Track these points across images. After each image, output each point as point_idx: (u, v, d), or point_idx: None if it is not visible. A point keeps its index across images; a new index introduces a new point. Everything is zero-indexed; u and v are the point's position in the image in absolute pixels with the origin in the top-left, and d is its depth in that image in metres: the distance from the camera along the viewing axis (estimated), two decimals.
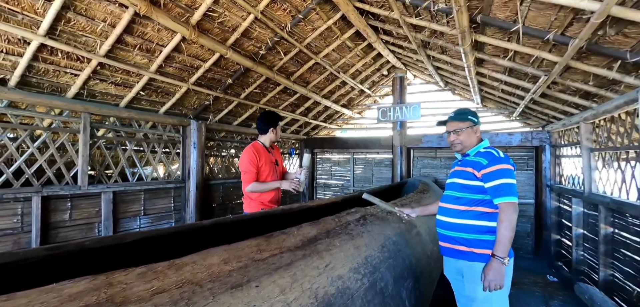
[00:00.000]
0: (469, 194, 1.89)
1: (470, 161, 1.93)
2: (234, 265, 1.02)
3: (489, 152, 1.88)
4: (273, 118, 3.16)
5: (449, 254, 1.97)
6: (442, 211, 2.02)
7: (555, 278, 4.19)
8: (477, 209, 1.86)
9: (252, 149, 3.01)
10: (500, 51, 3.27)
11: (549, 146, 4.76)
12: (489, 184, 1.81)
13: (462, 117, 2.04)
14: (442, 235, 2.00)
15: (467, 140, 2.01)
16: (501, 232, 1.72)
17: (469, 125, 2.00)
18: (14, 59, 2.97)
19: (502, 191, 1.76)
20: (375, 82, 6.73)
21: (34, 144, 3.42)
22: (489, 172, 1.81)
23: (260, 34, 3.84)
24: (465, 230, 1.87)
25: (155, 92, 4.11)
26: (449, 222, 1.94)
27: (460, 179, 1.95)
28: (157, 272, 0.87)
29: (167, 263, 0.92)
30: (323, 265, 1.26)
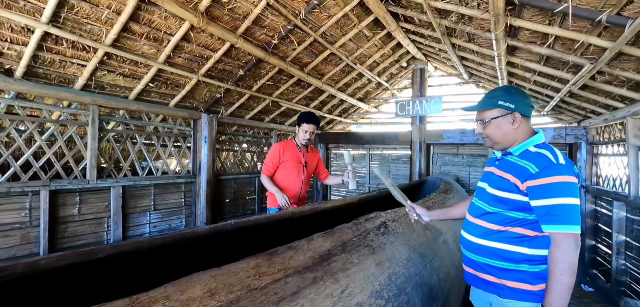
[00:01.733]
0: (504, 210, 1.40)
1: (511, 164, 1.40)
2: (222, 298, 0.77)
3: (541, 155, 1.32)
4: (301, 117, 3.13)
5: (475, 284, 1.53)
6: (467, 226, 1.56)
7: (591, 288, 3.83)
8: (515, 229, 1.38)
9: (281, 143, 3.13)
10: (538, 37, 2.93)
11: (585, 143, 4.35)
12: (537, 203, 1.27)
13: (488, 103, 1.47)
14: (465, 257, 1.57)
15: (497, 133, 1.44)
16: (556, 278, 1.22)
17: (501, 114, 1.42)
18: (19, 49, 2.87)
19: (555, 215, 1.22)
20: (393, 74, 6.42)
21: (42, 136, 3.34)
22: (539, 186, 1.27)
23: (273, 21, 3.62)
24: (494, 256, 1.41)
25: (164, 84, 3.97)
26: (473, 242, 1.49)
27: (493, 189, 1.44)
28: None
29: (126, 301, 0.68)
30: (338, 291, 1.01)
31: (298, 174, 3.09)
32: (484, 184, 1.55)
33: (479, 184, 1.61)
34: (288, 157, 3.06)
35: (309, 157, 3.20)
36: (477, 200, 1.57)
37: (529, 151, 1.38)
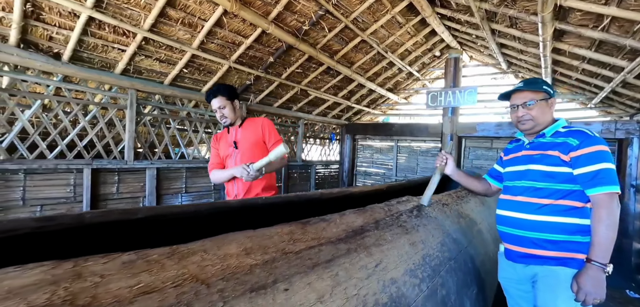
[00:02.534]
0: (554, 184, 1.49)
1: (550, 143, 1.52)
2: (257, 257, 0.78)
3: (578, 130, 1.47)
4: (205, 96, 2.48)
5: (520, 260, 1.59)
6: (511, 205, 1.62)
7: (637, 294, 3.54)
8: (564, 202, 1.47)
9: (217, 134, 2.64)
10: (591, 19, 2.69)
11: (638, 139, 3.99)
12: (581, 170, 1.42)
13: (535, 86, 1.59)
14: (512, 235, 1.61)
15: (541, 116, 1.57)
16: (601, 232, 1.36)
17: (544, 97, 1.56)
18: (66, 33, 3.03)
19: (601, 178, 1.38)
20: (425, 63, 6.20)
21: (86, 118, 3.53)
22: (582, 155, 1.41)
23: (304, 6, 3.59)
24: (548, 229, 1.48)
25: (197, 70, 4.07)
26: (524, 219, 1.54)
27: (540, 165, 1.53)
28: (150, 261, 0.64)
29: (167, 250, 0.69)
30: (373, 264, 0.99)
31: (231, 159, 2.52)
32: (522, 165, 1.63)
33: (512, 168, 1.70)
34: (222, 145, 2.56)
35: (245, 135, 2.48)
36: (518, 181, 1.63)
37: (560, 132, 1.54)
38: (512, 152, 1.77)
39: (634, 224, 3.95)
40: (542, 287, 1.50)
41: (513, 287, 1.68)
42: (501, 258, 1.74)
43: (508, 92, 1.70)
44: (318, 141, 6.92)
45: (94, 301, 0.50)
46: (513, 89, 1.67)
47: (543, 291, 1.50)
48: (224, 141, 2.54)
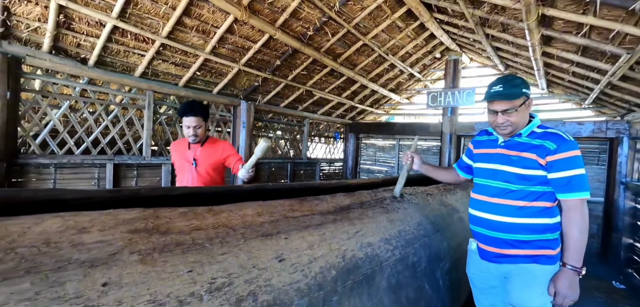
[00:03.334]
0: (528, 186, 1.52)
1: (527, 144, 1.54)
2: (266, 218, 1.07)
3: (555, 133, 1.50)
4: (179, 110, 2.45)
5: (494, 260, 1.62)
6: (486, 206, 1.62)
7: (623, 285, 3.72)
8: (537, 204, 1.52)
9: (176, 142, 2.67)
10: (573, 26, 2.91)
11: (627, 138, 4.17)
12: (556, 175, 1.45)
13: (515, 92, 1.51)
14: (486, 236, 1.62)
15: (521, 120, 1.56)
16: (575, 237, 1.41)
17: (523, 101, 1.53)
18: (92, 41, 3.35)
19: (575, 184, 1.42)
20: (426, 65, 6.42)
21: (108, 117, 3.86)
22: (559, 160, 1.44)
23: (309, 14, 3.85)
24: (523, 231, 1.53)
25: (209, 72, 4.37)
26: (499, 222, 1.57)
27: (517, 168, 1.54)
28: (197, 214, 0.95)
29: (206, 208, 1.00)
30: (353, 231, 1.27)
31: (185, 174, 2.51)
32: (495, 164, 1.63)
33: (485, 165, 1.69)
34: (177, 157, 2.56)
35: (205, 154, 2.50)
36: (491, 181, 1.64)
37: (536, 132, 1.56)
38: (484, 146, 1.76)
39: (623, 219, 4.14)
40: (518, 284, 1.55)
41: (481, 281, 1.73)
42: (472, 254, 1.76)
43: (488, 95, 1.60)
44: (323, 140, 7.19)
45: (168, 230, 0.79)
46: (493, 93, 1.57)
47: (519, 287, 1.54)
48: (182, 154, 2.51)
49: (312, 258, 0.98)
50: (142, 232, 0.74)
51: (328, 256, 1.04)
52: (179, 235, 0.78)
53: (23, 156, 3.26)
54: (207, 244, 0.80)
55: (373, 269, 1.19)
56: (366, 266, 1.16)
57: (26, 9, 2.91)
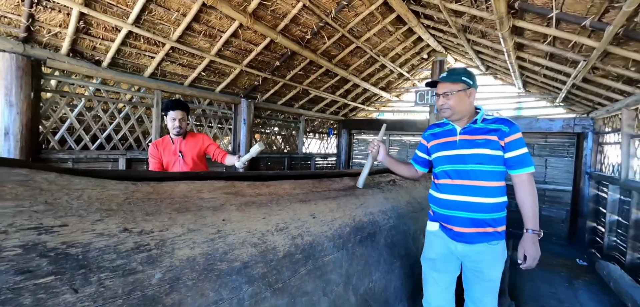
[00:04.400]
0: (495, 166, 1.65)
1: (484, 129, 1.68)
2: (299, 191, 1.47)
3: (504, 119, 1.69)
4: (166, 104, 2.79)
5: (470, 241, 1.68)
6: (462, 189, 1.69)
7: (585, 262, 4.21)
8: (501, 183, 1.68)
9: (156, 142, 2.87)
10: (540, 36, 3.34)
11: (591, 133, 4.67)
12: (511, 154, 1.62)
13: (454, 78, 1.71)
14: (461, 218, 1.68)
15: (458, 105, 1.70)
16: (530, 205, 1.60)
17: (462, 88, 1.69)
18: (107, 44, 3.61)
19: (525, 161, 1.61)
20: (414, 65, 6.84)
21: (120, 115, 4.12)
22: (513, 141, 1.61)
23: (307, 20, 4.19)
24: (496, 209, 1.65)
25: (213, 73, 4.66)
26: (480, 203, 1.64)
27: (486, 149, 1.64)
28: (256, 185, 1.39)
29: (260, 182, 1.36)
30: (359, 203, 1.68)
31: (174, 166, 2.79)
32: (461, 150, 1.72)
33: (451, 152, 1.76)
34: (164, 153, 2.79)
35: (187, 146, 2.82)
36: (460, 165, 1.71)
37: (487, 118, 1.74)
38: (441, 136, 1.84)
39: (587, 205, 4.65)
40: (488, 261, 1.66)
41: (441, 262, 1.78)
42: (433, 237, 1.81)
43: (434, 81, 1.84)
44: (317, 135, 7.55)
45: (243, 194, 1.16)
46: (439, 78, 1.79)
47: (488, 264, 1.66)
48: (168, 150, 2.78)
49: (333, 218, 1.37)
50: (230, 194, 1.10)
51: (343, 218, 1.42)
52: (250, 197, 1.15)
53: (45, 151, 3.52)
54: (268, 203, 1.17)
55: (374, 230, 1.60)
56: (369, 228, 1.56)
57: (49, 16, 3.17)
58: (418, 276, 1.74)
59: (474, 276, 1.72)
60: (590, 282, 3.57)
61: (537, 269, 1.82)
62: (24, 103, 3.25)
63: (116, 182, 0.94)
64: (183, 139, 2.83)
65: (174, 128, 2.75)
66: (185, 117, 2.80)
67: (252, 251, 0.99)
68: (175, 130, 2.76)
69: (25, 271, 0.60)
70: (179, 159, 2.79)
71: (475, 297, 1.74)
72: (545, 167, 5.34)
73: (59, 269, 0.64)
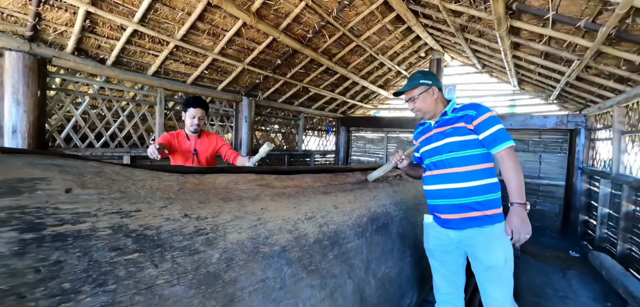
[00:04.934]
0: (472, 150, 1.71)
1: (454, 118, 1.78)
2: (319, 184, 1.59)
3: (471, 104, 1.77)
4: (186, 101, 2.83)
5: (457, 226, 1.74)
6: (440, 178, 1.77)
7: (578, 254, 4.37)
8: (481, 166, 1.71)
9: (171, 133, 2.86)
10: (536, 36, 3.46)
11: (584, 129, 4.83)
12: (484, 134, 1.67)
13: (413, 83, 1.83)
14: (447, 206, 1.75)
15: (424, 105, 1.82)
16: (514, 178, 1.62)
17: (423, 90, 1.81)
18: (112, 43, 3.65)
19: (500, 137, 1.64)
20: (412, 63, 6.95)
21: (124, 113, 4.16)
22: (482, 121, 1.67)
23: (309, 19, 4.27)
24: (479, 192, 1.69)
25: (216, 71, 4.71)
26: (456, 189, 1.71)
27: (454, 137, 1.73)
28: (282, 179, 1.49)
29: (286, 176, 1.47)
30: (372, 196, 1.80)
31: (186, 163, 2.82)
32: (436, 141, 1.81)
33: (429, 146, 1.85)
34: (177, 148, 2.80)
35: (202, 145, 2.88)
36: (439, 156, 1.79)
37: (456, 108, 1.83)
38: (422, 134, 1.95)
39: (580, 199, 4.81)
40: (482, 246, 1.68)
41: (440, 251, 1.83)
42: (429, 228, 1.87)
43: (401, 91, 1.92)
44: (316, 133, 7.63)
45: (273, 186, 1.24)
46: (401, 89, 1.91)
47: (483, 250, 1.67)
48: (183, 144, 2.78)
49: (352, 209, 1.47)
50: (263, 186, 1.19)
51: (360, 208, 1.52)
52: (279, 189, 1.24)
53: (51, 149, 3.55)
54: (295, 195, 1.26)
55: (387, 221, 1.70)
56: (383, 218, 1.67)
57: (56, 15, 3.19)
58: (426, 265, 1.84)
59: (475, 264, 1.73)
60: (582, 273, 3.72)
61: (532, 260, 1.91)
62: (30, 101, 3.28)
63: (169, 174, 1.02)
64: (198, 138, 2.86)
65: (192, 125, 2.77)
66: (204, 115, 2.82)
67: (288, 236, 1.09)
68: (193, 128, 2.78)
69: (116, 248, 0.69)
70: (193, 156, 2.81)
71: (483, 289, 1.72)
72: (539, 163, 5.50)
73: (141, 247, 0.73)
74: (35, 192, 0.63)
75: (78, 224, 0.65)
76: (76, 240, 0.63)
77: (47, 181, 0.67)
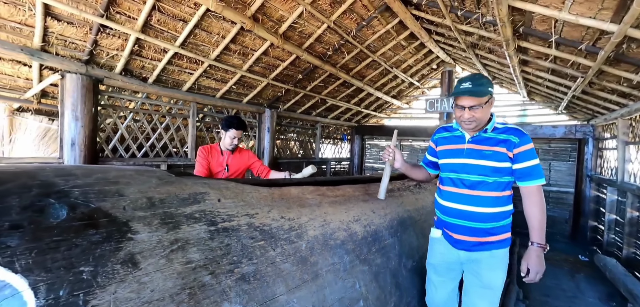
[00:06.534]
0: (500, 177, 1.64)
1: (494, 139, 1.65)
2: (358, 192, 1.94)
3: (514, 128, 1.66)
4: (229, 122, 2.94)
5: (470, 248, 1.70)
6: (463, 198, 1.69)
7: (587, 258, 4.57)
8: (505, 193, 1.67)
9: (206, 147, 3.03)
10: (542, 55, 3.74)
11: (592, 139, 5.05)
12: (520, 165, 1.60)
13: (482, 90, 1.61)
14: (464, 227, 1.69)
15: (485, 117, 1.66)
16: (538, 218, 1.59)
17: (488, 99, 1.63)
18: (154, 64, 4.07)
19: (536, 173, 1.60)
20: (424, 75, 7.25)
21: (162, 125, 4.57)
22: (522, 152, 1.59)
23: (330, 38, 4.63)
24: (497, 218, 1.66)
25: (242, 86, 5.11)
26: (478, 212, 1.65)
27: (492, 161, 1.64)
28: (332, 189, 1.88)
29: (333, 187, 1.81)
30: (399, 203, 2.11)
31: (217, 176, 2.95)
32: (467, 159, 1.70)
33: (456, 160, 1.74)
34: (212, 162, 2.95)
35: (235, 160, 3.02)
36: (465, 175, 1.71)
37: (498, 127, 1.70)
38: (449, 142, 1.82)
39: (589, 206, 5.01)
40: (487, 267, 1.66)
41: (443, 268, 1.80)
42: (436, 243, 1.82)
43: (458, 91, 1.65)
44: (331, 141, 7.97)
45: (327, 196, 1.57)
46: (463, 89, 1.63)
47: (488, 270, 1.66)
48: (216, 159, 2.95)
49: (385, 213, 1.80)
50: (321, 195, 1.52)
51: (391, 213, 1.86)
52: (332, 197, 1.58)
53: (101, 159, 3.97)
54: (344, 202, 1.59)
55: (412, 224, 2.03)
56: (408, 221, 2.00)
57: (110, 41, 3.62)
58: None
59: (472, 280, 1.71)
60: (590, 276, 3.94)
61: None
62: (86, 117, 3.70)
63: (263, 187, 1.37)
64: (231, 153, 3.04)
65: (231, 144, 2.96)
66: (242, 136, 3.12)
67: (344, 233, 1.42)
68: (231, 147, 2.97)
69: (252, 237, 1.04)
70: (224, 172, 2.96)
71: (470, 301, 1.70)
72: (549, 171, 5.72)
73: (264, 237, 1.08)
74: (204, 201, 0.98)
75: (231, 221, 1.00)
76: (233, 231, 0.98)
77: (207, 194, 1.02)
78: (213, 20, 3.75)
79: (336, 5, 4.10)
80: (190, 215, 0.97)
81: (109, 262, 0.74)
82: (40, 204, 0.74)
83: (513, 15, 3.16)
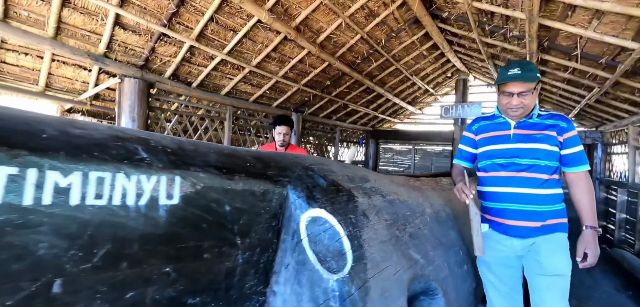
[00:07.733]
0: (551, 161, 1.62)
1: (541, 124, 1.64)
2: (433, 184, 2.22)
3: (560, 115, 1.68)
4: (275, 120, 3.23)
5: (525, 235, 1.65)
6: (515, 181, 1.65)
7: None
8: (555, 176, 1.65)
9: (264, 146, 3.45)
10: (562, 66, 4.10)
11: (600, 144, 5.42)
12: (569, 150, 1.60)
13: (531, 76, 1.57)
14: (518, 211, 1.65)
15: (532, 103, 1.63)
16: (588, 201, 1.59)
17: (536, 85, 1.61)
18: (200, 69, 4.35)
19: (583, 158, 1.61)
20: (439, 82, 7.62)
21: (202, 127, 4.85)
22: (571, 138, 1.60)
23: (360, 48, 4.96)
24: (550, 201, 1.63)
25: (274, 90, 5.41)
26: (532, 194, 1.62)
27: (545, 144, 1.61)
28: (419, 179, 2.11)
29: (418, 180, 2.11)
30: (444, 194, 2.46)
31: None
32: (517, 144, 1.66)
33: (504, 146, 1.70)
34: None
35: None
36: (516, 159, 1.66)
37: (542, 114, 1.68)
38: (492, 129, 1.79)
39: (598, 207, 5.37)
40: (547, 252, 1.58)
41: (498, 264, 1.73)
42: (487, 238, 1.74)
43: (507, 77, 1.60)
44: (346, 144, 8.28)
45: (418, 183, 1.89)
46: (512, 75, 1.58)
47: (549, 255, 1.57)
48: None
49: (452, 203, 2.12)
50: (431, 184, 1.85)
51: (456, 201, 2.18)
52: (432, 186, 1.90)
53: None
54: (427, 189, 1.92)
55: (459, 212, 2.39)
56: (465, 209, 2.34)
57: (165, 49, 3.91)
58: None
59: (534, 271, 1.61)
60: (604, 269, 4.27)
61: None
62: (141, 119, 3.97)
63: (393, 176, 1.73)
64: (285, 150, 3.26)
65: (279, 141, 3.23)
66: (288, 131, 3.34)
67: (440, 211, 1.76)
68: (279, 142, 3.24)
69: (404, 208, 1.38)
70: None
71: (541, 299, 1.58)
72: None
73: (409, 209, 1.42)
74: (369, 180, 1.32)
75: (390, 196, 1.35)
76: (395, 203, 1.33)
77: (368, 176, 1.39)
78: (260, 31, 4.06)
79: (371, 18, 4.43)
80: (370, 189, 1.37)
81: (354, 213, 1.19)
82: (312, 178, 1.24)
83: (539, 31, 3.51)
